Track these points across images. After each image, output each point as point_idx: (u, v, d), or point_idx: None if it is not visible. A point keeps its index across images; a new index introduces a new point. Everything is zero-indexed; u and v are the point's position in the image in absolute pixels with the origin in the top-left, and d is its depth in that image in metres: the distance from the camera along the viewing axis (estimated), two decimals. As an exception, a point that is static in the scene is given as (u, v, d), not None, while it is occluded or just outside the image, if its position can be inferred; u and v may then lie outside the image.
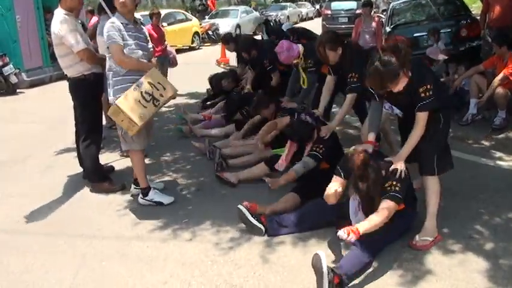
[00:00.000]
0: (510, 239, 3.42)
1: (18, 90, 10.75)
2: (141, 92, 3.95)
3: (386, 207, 3.10)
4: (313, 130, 4.27)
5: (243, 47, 6.83)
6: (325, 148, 4.14)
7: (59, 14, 4.45)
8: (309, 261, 2.96)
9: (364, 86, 3.59)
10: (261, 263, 3.32)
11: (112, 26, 3.95)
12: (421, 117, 3.22)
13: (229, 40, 7.63)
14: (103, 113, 5.18)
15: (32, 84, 11.28)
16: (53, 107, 8.79)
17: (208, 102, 7.72)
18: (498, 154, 5.09)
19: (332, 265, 2.99)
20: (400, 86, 3.14)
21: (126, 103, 3.87)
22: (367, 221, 3.05)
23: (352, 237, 2.89)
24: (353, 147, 3.44)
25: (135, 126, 3.92)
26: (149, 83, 4.00)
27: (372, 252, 3.10)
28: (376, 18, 9.28)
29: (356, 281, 3.01)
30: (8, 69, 10.38)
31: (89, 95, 4.64)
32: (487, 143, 5.46)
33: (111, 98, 4.09)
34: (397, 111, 3.49)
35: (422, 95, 3.16)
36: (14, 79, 10.53)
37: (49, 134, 7.14)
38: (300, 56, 5.41)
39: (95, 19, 7.89)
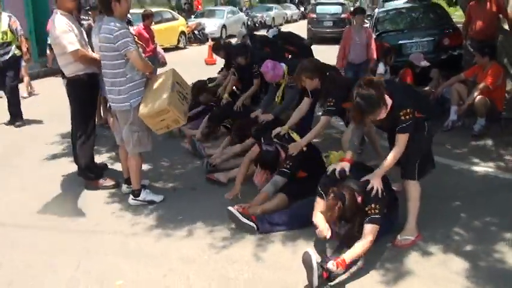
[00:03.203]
0: (487, 241, 3.61)
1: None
2: (177, 92, 4.15)
3: (370, 233, 3.23)
4: (277, 156, 4.38)
5: (238, 53, 6.95)
6: (294, 162, 4.27)
7: (56, 14, 4.53)
8: (299, 257, 3.16)
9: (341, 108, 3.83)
10: (254, 259, 3.49)
11: (126, 31, 3.97)
12: (401, 139, 3.38)
13: (219, 48, 8.01)
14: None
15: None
16: (42, 102, 8.69)
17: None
18: (475, 159, 5.29)
19: (319, 260, 3.16)
20: (382, 115, 3.30)
21: (174, 103, 4.04)
22: (353, 250, 3.18)
23: (341, 270, 3.06)
24: (331, 166, 3.63)
25: (179, 123, 4.20)
26: (177, 83, 4.22)
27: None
28: (368, 29, 8.31)
29: (340, 278, 3.17)
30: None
31: (84, 94, 4.69)
32: (465, 149, 5.66)
33: (126, 104, 4.12)
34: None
35: (403, 118, 3.32)
36: None
37: (40, 130, 7.14)
38: (285, 74, 5.59)
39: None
